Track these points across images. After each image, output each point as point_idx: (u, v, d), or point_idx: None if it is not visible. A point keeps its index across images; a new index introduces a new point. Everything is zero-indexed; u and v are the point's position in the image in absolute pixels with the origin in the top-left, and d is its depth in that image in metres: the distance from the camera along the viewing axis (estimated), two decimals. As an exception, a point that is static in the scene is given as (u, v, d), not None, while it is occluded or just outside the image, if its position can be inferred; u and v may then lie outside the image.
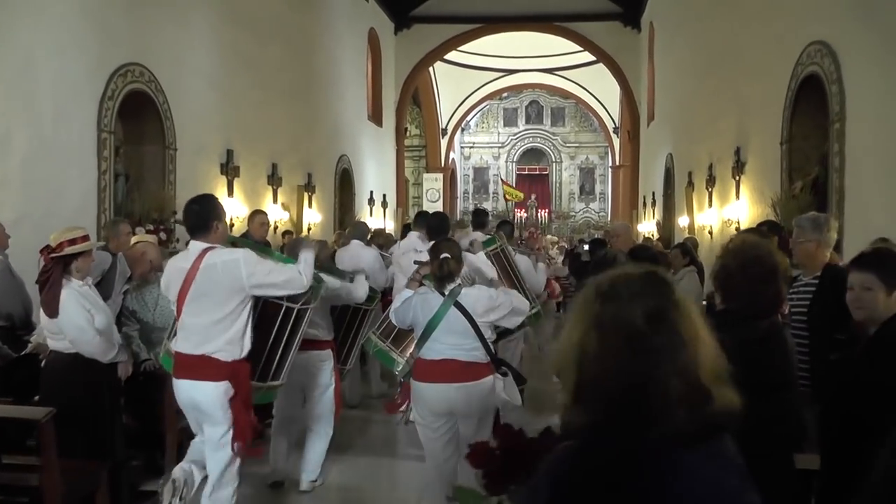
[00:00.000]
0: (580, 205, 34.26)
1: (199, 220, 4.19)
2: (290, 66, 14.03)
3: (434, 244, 4.70)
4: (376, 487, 6.15)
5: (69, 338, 4.49)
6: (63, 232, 4.52)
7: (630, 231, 8.02)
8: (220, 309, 4.05)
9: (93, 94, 8.03)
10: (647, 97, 19.89)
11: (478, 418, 4.44)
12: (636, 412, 1.42)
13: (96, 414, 4.58)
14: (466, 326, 4.33)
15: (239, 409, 4.12)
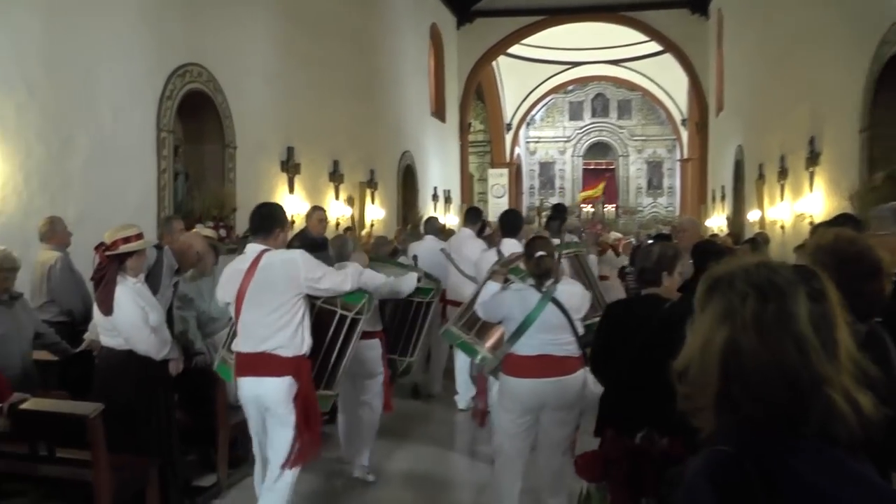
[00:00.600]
0: (648, 200, 33.60)
1: (263, 223, 4.32)
2: (351, 63, 13.99)
3: (529, 242, 4.77)
4: (439, 477, 6.16)
5: (124, 335, 4.48)
6: (117, 230, 4.52)
7: (697, 226, 7.68)
8: (278, 306, 4.11)
9: (152, 94, 8.08)
10: (715, 87, 19.32)
11: (566, 412, 4.48)
12: (799, 414, 1.36)
13: (148, 410, 4.58)
14: (562, 322, 4.41)
15: (301, 406, 4.15)
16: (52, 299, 5.93)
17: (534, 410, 4.50)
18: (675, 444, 2.20)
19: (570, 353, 4.45)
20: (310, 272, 4.16)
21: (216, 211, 8.91)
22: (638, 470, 2.22)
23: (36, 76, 6.58)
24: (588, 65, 27.02)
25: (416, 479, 6.00)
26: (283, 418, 4.16)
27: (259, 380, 4.16)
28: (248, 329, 4.18)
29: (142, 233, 4.63)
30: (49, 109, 6.71)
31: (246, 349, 4.20)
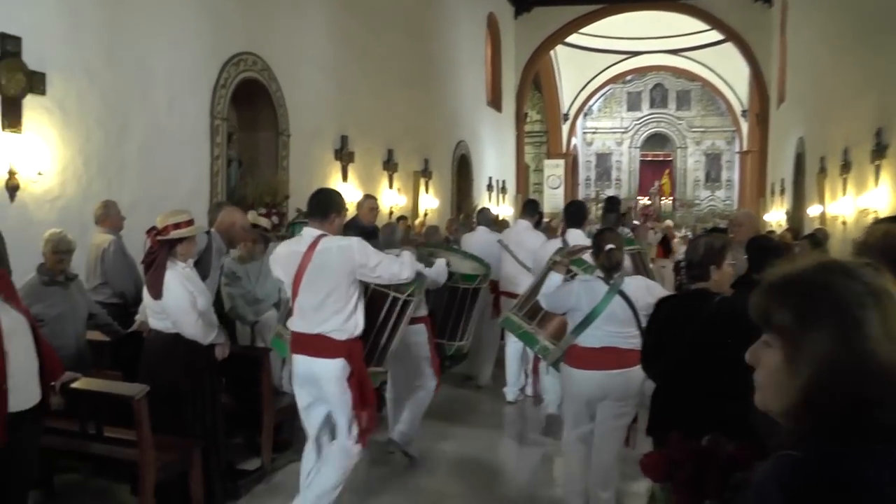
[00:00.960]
0: (705, 192, 32.96)
1: (320, 207, 4.36)
2: (407, 53, 13.98)
3: (598, 234, 4.78)
4: (487, 464, 6.18)
5: (172, 319, 4.54)
6: (169, 215, 4.57)
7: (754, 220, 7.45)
8: (333, 290, 4.19)
9: (206, 82, 8.17)
10: (777, 77, 18.79)
11: (626, 403, 4.52)
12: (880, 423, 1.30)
13: (194, 393, 4.63)
14: (629, 315, 4.43)
15: (356, 385, 4.25)
16: (106, 281, 6.05)
17: (595, 402, 4.55)
18: (743, 449, 2.12)
19: (633, 346, 4.41)
20: (364, 260, 4.22)
21: (269, 198, 8.98)
22: (702, 472, 2.15)
23: (96, 64, 6.70)
24: (647, 54, 26.56)
25: (463, 466, 6.02)
26: (338, 397, 4.27)
27: (313, 359, 4.26)
28: (303, 311, 4.27)
29: (193, 219, 4.67)
30: (108, 96, 6.83)
31: (301, 329, 4.29)
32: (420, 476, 5.70)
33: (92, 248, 6.12)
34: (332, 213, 4.34)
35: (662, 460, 2.28)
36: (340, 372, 4.22)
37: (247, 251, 5.93)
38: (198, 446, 4.50)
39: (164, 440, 4.31)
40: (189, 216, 4.65)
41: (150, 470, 4.15)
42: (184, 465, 4.43)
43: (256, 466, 5.40)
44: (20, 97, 5.94)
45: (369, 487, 5.37)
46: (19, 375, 3.62)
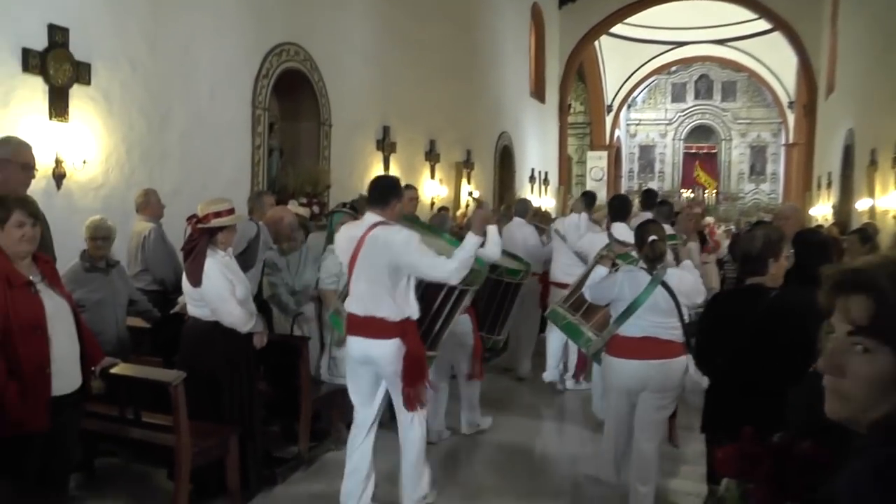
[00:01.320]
0: (750, 186, 32.45)
1: (380, 194, 4.39)
2: (450, 43, 13.90)
3: (640, 226, 4.79)
4: (532, 448, 6.27)
5: (210, 307, 4.54)
6: (210, 203, 4.57)
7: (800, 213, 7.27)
8: (382, 278, 4.22)
9: (248, 72, 8.19)
10: (826, 67, 18.32)
11: (665, 395, 4.56)
12: None
13: (231, 381, 4.63)
14: (671, 306, 4.45)
15: (410, 363, 4.26)
16: (146, 268, 6.10)
17: (635, 392, 4.58)
18: (818, 449, 2.04)
19: (674, 337, 4.48)
20: (407, 259, 4.18)
21: (309, 188, 8.98)
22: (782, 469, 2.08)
23: (139, 53, 6.76)
24: (693, 45, 26.12)
25: (504, 454, 6.02)
26: (394, 377, 4.31)
27: (369, 341, 4.30)
28: (358, 293, 4.34)
29: (233, 208, 4.66)
30: (151, 86, 6.88)
31: (356, 311, 4.34)
32: (460, 465, 5.75)
33: (133, 235, 6.18)
34: (393, 199, 4.38)
35: (740, 455, 2.20)
36: (395, 352, 4.25)
37: (289, 244, 5.95)
38: (235, 433, 4.51)
39: (201, 426, 4.33)
40: (230, 205, 4.64)
41: (186, 456, 4.16)
42: (220, 452, 4.44)
43: (293, 454, 5.40)
44: (67, 87, 6.03)
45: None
46: (62, 360, 3.65)
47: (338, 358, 5.88)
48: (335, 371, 5.88)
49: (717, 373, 3.70)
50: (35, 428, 3.52)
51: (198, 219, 4.50)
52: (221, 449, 4.44)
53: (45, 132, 5.84)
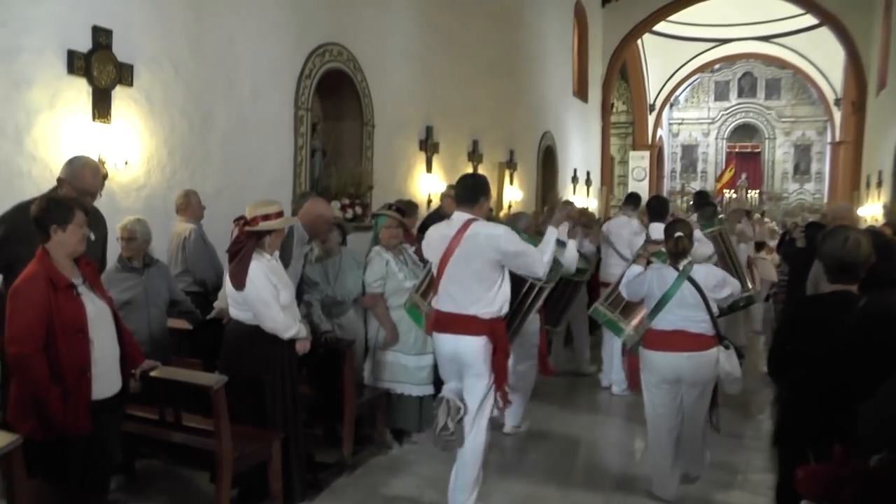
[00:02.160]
0: (794, 185, 31.78)
1: (469, 193, 4.49)
2: (493, 42, 13.71)
3: (668, 224, 5.14)
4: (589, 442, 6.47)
5: (253, 311, 4.40)
6: (258, 206, 4.42)
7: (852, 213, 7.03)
8: (479, 273, 4.30)
9: (291, 73, 8.07)
10: (878, 62, 17.72)
11: (702, 387, 4.81)
12: None
13: (273, 386, 4.49)
14: (698, 300, 4.70)
15: (501, 361, 4.38)
16: (186, 269, 6.03)
17: (671, 382, 4.82)
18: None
19: (704, 330, 4.73)
20: (511, 248, 4.29)
21: (352, 188, 8.88)
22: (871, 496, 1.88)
23: (181, 54, 6.67)
24: (736, 42, 25.63)
25: (561, 445, 6.21)
26: (479, 372, 4.35)
27: (458, 337, 4.35)
28: (449, 292, 4.38)
29: (282, 210, 4.51)
30: (192, 86, 6.79)
31: (447, 309, 4.39)
32: (532, 448, 6.00)
33: (173, 236, 6.11)
34: (482, 197, 4.47)
35: (824, 476, 2.00)
36: (484, 349, 4.32)
37: (324, 250, 5.75)
38: (277, 438, 4.37)
39: (243, 430, 4.21)
40: (279, 207, 4.49)
41: (228, 461, 4.04)
42: (263, 456, 4.31)
43: (337, 459, 5.26)
44: (110, 89, 5.96)
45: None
46: (103, 363, 3.60)
47: (382, 361, 5.76)
48: (379, 375, 5.76)
49: (797, 382, 3.45)
50: (76, 432, 3.46)
51: (245, 221, 4.36)
52: (264, 454, 4.31)
53: (89, 133, 5.78)
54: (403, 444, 5.89)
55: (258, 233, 4.35)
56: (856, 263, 3.32)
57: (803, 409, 3.32)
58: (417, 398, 5.78)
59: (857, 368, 3.13)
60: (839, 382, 3.14)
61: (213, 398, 3.99)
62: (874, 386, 3.09)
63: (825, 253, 3.42)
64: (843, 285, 3.35)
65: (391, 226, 5.73)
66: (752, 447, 6.14)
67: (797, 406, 3.39)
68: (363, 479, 5.18)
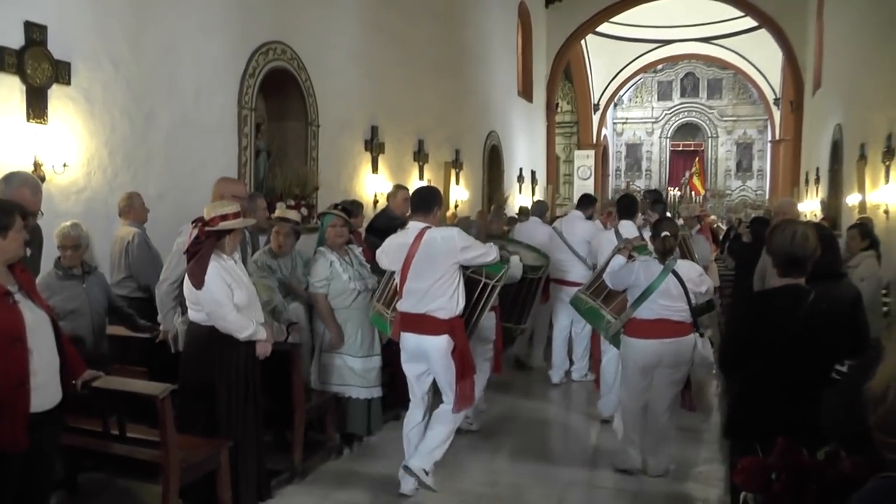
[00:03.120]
0: (736, 182, 32.49)
1: (424, 203, 4.94)
2: (438, 42, 13.70)
3: (655, 223, 5.64)
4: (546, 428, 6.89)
5: (206, 311, 4.37)
6: (217, 206, 4.44)
7: (796, 209, 7.20)
8: (438, 274, 4.71)
9: (234, 72, 7.93)
10: (813, 63, 18.22)
11: (678, 369, 5.24)
12: None
13: (228, 390, 4.43)
14: (680, 291, 5.12)
15: (460, 358, 4.78)
16: (130, 275, 5.89)
17: (651, 368, 5.24)
18: (860, 467, 1.86)
19: (683, 318, 5.16)
20: (464, 243, 4.76)
21: (298, 189, 8.77)
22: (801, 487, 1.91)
23: (121, 52, 6.50)
24: (678, 43, 26.09)
25: (522, 432, 6.59)
26: (444, 369, 4.79)
27: (421, 336, 4.79)
28: (412, 294, 4.78)
29: (241, 211, 4.51)
30: (134, 86, 6.63)
31: (409, 309, 4.81)
32: (488, 437, 6.32)
33: (116, 240, 5.95)
34: (435, 206, 4.95)
35: (759, 467, 2.05)
36: (445, 346, 4.75)
37: (278, 247, 5.72)
38: (225, 446, 4.29)
39: (189, 440, 4.14)
40: (237, 207, 4.50)
41: (175, 472, 3.95)
42: (210, 466, 4.22)
43: (286, 466, 5.18)
44: (46, 87, 5.77)
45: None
46: (42, 374, 3.45)
47: (329, 364, 5.70)
48: (326, 378, 5.71)
49: (750, 377, 3.49)
50: (13, 447, 3.31)
51: (204, 222, 4.35)
52: (212, 463, 4.22)
53: (23, 134, 5.57)
54: (354, 448, 5.84)
55: (217, 233, 4.34)
56: (805, 257, 3.38)
57: (755, 403, 3.37)
58: (366, 401, 5.77)
59: (811, 360, 3.18)
60: (795, 376, 3.19)
61: (159, 407, 3.90)
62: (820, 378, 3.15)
63: (774, 247, 3.47)
64: (793, 278, 3.41)
65: (337, 224, 5.73)
66: (703, 440, 6.29)
67: (749, 400, 3.44)
68: (314, 485, 5.13)
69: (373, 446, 5.87)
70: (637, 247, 5.67)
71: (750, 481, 2.07)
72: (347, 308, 5.67)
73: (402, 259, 4.82)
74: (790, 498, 1.91)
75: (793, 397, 3.20)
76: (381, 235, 7.30)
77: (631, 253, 5.55)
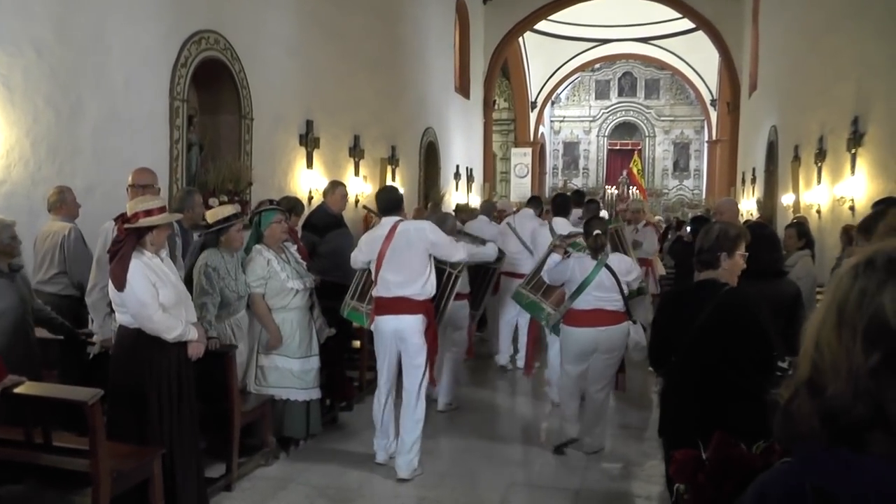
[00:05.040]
0: (674, 182, 33.14)
1: (392, 203, 5.53)
2: (375, 36, 13.62)
3: (587, 222, 6.17)
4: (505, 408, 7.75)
5: (130, 312, 4.21)
6: (139, 201, 4.26)
7: (736, 207, 7.40)
8: (413, 262, 5.26)
9: (165, 61, 7.75)
10: (749, 65, 18.76)
11: (613, 354, 5.80)
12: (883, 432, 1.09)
13: (159, 395, 4.29)
14: (613, 283, 5.68)
15: (432, 338, 5.40)
16: (63, 271, 5.68)
17: (588, 353, 5.80)
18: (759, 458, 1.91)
19: (617, 308, 5.73)
20: (435, 238, 5.33)
21: (231, 185, 8.60)
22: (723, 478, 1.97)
23: (44, 36, 6.28)
24: (616, 42, 26.47)
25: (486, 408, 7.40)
26: (418, 347, 5.32)
27: (398, 317, 5.29)
28: (388, 280, 5.29)
29: (165, 206, 4.37)
30: (58, 73, 6.41)
31: (386, 295, 5.31)
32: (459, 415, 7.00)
33: (47, 236, 5.72)
34: (402, 205, 5.65)
35: (691, 459, 2.11)
36: (420, 325, 5.31)
37: (227, 247, 5.49)
38: (157, 455, 4.16)
39: (120, 448, 3.99)
40: (162, 202, 4.36)
41: (105, 482, 3.80)
42: (143, 475, 4.09)
43: (221, 473, 5.06)
44: (-39, 73, 5.54)
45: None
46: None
47: (266, 367, 5.59)
48: (262, 381, 5.60)
49: (672, 372, 3.58)
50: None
51: (125, 218, 4.17)
52: (144, 472, 4.08)
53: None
54: (291, 452, 5.76)
55: (138, 230, 4.16)
56: (703, 247, 3.56)
57: (681, 398, 3.45)
58: (304, 403, 5.68)
59: (716, 356, 3.26)
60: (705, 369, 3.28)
61: (88, 414, 3.75)
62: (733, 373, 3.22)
63: (696, 245, 3.67)
64: (707, 272, 3.54)
65: (282, 220, 5.63)
66: (644, 437, 6.40)
67: (675, 395, 3.53)
68: (250, 492, 5.03)
69: (311, 451, 5.79)
70: (573, 244, 6.18)
71: (680, 473, 2.14)
72: (285, 308, 5.57)
73: (378, 250, 5.31)
74: (712, 487, 1.97)
75: (711, 394, 3.29)
76: (319, 232, 7.27)
77: (567, 249, 6.09)
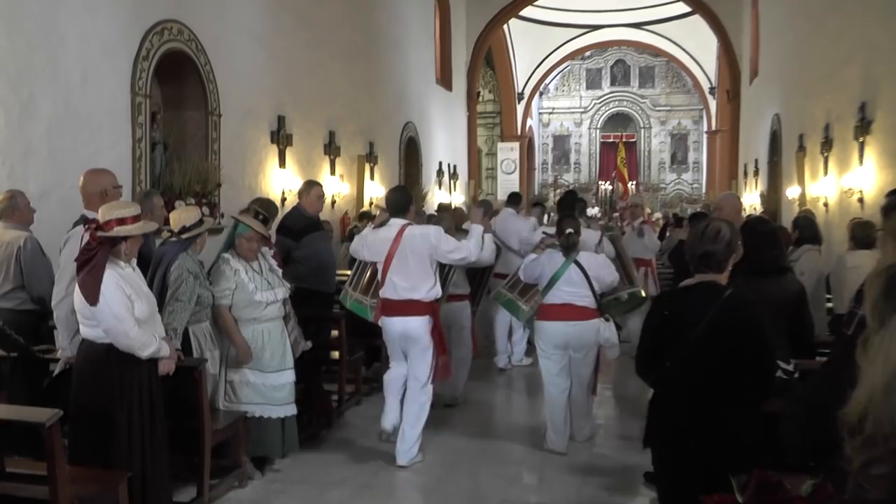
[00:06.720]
0: (671, 176, 33.20)
1: (401, 204, 6.10)
2: (350, 25, 13.61)
3: (559, 221, 6.84)
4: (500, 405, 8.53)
5: (103, 327, 4.21)
6: (112, 208, 4.26)
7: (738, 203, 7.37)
8: (419, 266, 5.85)
9: (126, 53, 7.72)
10: (749, 51, 18.85)
11: (586, 352, 6.34)
12: None
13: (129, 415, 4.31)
14: (582, 279, 6.21)
15: (438, 337, 6.01)
16: (21, 286, 5.62)
17: (561, 348, 6.29)
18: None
19: (587, 304, 6.24)
20: (438, 244, 5.86)
21: (199, 186, 8.56)
22: None
23: (-8, 31, 6.26)
24: (608, 28, 26.54)
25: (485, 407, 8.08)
26: (425, 347, 5.93)
27: (405, 319, 5.89)
28: (396, 282, 5.88)
29: (140, 214, 4.38)
30: (7, 67, 6.37)
31: (394, 297, 5.91)
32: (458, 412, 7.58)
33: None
34: (410, 206, 6.14)
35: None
36: (427, 326, 5.90)
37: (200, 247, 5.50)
38: (123, 477, 4.14)
39: (82, 472, 3.99)
40: (137, 210, 4.36)
41: (64, 509, 3.77)
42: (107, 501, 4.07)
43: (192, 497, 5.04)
44: None
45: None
46: None
47: (236, 382, 5.57)
48: (233, 398, 5.58)
49: (663, 381, 3.56)
50: None
51: (97, 226, 4.17)
52: (108, 499, 4.06)
53: None
54: (266, 472, 5.76)
55: (112, 239, 4.17)
56: (709, 252, 3.49)
57: (672, 408, 3.48)
58: (279, 420, 5.66)
59: (720, 364, 3.25)
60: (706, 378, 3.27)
61: (46, 437, 3.71)
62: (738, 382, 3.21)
63: (687, 244, 3.67)
64: (706, 275, 3.51)
65: (253, 239, 5.58)
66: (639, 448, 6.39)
67: (666, 404, 3.52)
68: (222, 515, 5.00)
69: (287, 471, 5.79)
70: (551, 245, 6.67)
71: None
72: (255, 320, 5.55)
73: (385, 252, 5.89)
74: None
75: (699, 404, 3.29)
76: (294, 236, 7.25)
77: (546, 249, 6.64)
